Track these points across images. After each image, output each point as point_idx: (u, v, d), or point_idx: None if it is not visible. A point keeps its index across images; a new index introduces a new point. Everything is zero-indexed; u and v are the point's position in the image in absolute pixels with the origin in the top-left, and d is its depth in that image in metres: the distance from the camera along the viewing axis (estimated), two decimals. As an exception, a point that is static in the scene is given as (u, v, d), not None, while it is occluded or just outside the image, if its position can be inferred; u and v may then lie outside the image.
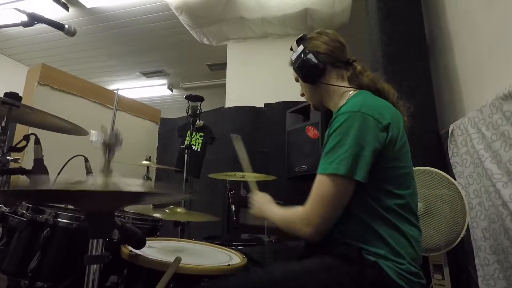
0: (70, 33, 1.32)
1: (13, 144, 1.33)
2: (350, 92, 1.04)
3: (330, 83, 1.06)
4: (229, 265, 0.93)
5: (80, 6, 3.57)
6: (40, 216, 1.08)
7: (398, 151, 0.89)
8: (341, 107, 0.96)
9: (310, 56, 1.03)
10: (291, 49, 1.12)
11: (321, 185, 0.86)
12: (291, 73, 1.14)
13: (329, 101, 1.09)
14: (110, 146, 0.80)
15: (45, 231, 1.05)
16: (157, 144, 3.48)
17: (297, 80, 1.16)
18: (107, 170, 0.81)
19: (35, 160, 1.34)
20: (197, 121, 2.18)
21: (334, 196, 0.85)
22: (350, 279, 0.79)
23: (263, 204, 1.05)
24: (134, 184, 0.68)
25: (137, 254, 0.92)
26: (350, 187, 0.85)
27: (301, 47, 1.07)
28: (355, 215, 0.88)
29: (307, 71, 1.05)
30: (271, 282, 0.75)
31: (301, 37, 1.11)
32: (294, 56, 1.09)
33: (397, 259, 0.83)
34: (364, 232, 0.87)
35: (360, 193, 0.87)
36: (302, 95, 1.18)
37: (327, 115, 2.18)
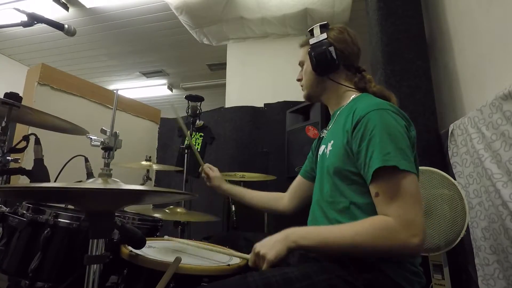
0: (70, 33, 1.32)
1: (13, 145, 1.33)
2: (353, 94, 1.03)
3: (338, 82, 1.05)
4: (229, 265, 0.93)
5: (80, 6, 3.57)
6: (41, 216, 1.08)
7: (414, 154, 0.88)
8: (351, 105, 0.96)
9: (332, 49, 1.01)
10: (311, 32, 1.08)
11: (403, 181, 0.78)
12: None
13: (330, 98, 1.09)
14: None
15: (45, 231, 1.05)
16: (157, 144, 3.48)
17: (301, 64, 1.13)
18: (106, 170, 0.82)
19: (35, 160, 1.34)
20: (197, 121, 2.18)
21: (419, 192, 0.81)
22: (345, 282, 0.78)
23: (277, 240, 0.83)
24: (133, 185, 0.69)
25: (137, 254, 0.92)
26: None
27: (324, 35, 1.03)
28: (361, 213, 0.87)
29: (323, 62, 1.02)
30: (266, 286, 0.75)
31: (325, 24, 1.07)
32: (313, 41, 1.05)
33: (397, 259, 0.83)
34: None
35: (367, 193, 0.85)
36: (299, 80, 1.15)
37: (328, 115, 2.17)
